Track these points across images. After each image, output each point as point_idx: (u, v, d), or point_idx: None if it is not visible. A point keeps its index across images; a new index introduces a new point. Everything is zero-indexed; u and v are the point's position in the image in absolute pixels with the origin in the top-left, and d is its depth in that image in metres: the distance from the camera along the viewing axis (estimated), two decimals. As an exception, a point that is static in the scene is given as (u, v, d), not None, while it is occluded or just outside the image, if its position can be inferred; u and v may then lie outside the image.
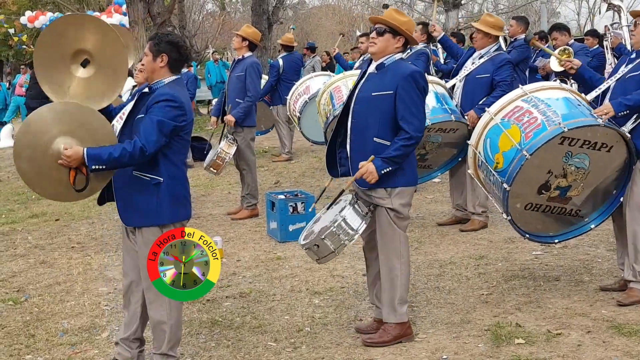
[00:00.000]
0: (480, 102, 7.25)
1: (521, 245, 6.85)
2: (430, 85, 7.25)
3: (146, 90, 4.36)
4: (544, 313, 5.17)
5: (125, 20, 18.95)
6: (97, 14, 20.98)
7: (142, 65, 4.49)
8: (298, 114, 11.12)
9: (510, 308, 5.32)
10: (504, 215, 5.36)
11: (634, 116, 5.16)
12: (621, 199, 5.34)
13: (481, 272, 6.21)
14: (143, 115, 4.20)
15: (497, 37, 7.60)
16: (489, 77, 7.35)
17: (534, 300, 5.44)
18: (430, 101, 7.17)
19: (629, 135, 5.13)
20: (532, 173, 5.18)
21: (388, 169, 4.63)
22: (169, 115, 4.15)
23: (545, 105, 5.22)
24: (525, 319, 5.07)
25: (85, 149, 4.07)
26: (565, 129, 5.01)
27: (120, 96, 6.12)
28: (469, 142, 5.68)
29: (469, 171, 5.82)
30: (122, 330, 4.58)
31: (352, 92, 4.95)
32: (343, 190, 4.93)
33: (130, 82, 7.47)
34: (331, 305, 5.62)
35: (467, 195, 7.66)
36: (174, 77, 4.35)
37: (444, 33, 8.50)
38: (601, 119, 5.08)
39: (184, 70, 12.54)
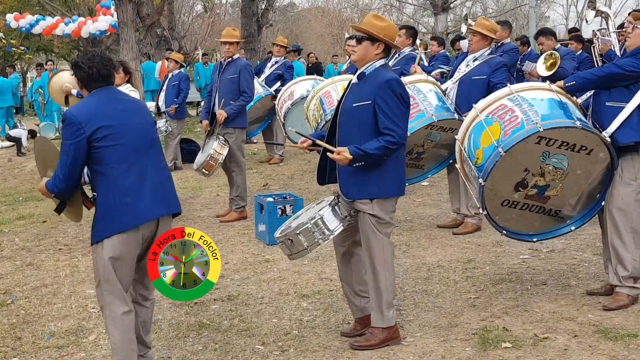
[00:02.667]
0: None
1: (509, 249, 6.88)
2: (431, 85, 7.38)
3: None
4: (531, 317, 5.19)
5: (114, 21, 18.93)
6: (81, 19, 20.93)
7: None
8: (282, 120, 11.17)
9: (498, 312, 5.34)
10: (480, 210, 5.47)
11: (619, 118, 5.19)
12: (602, 203, 5.39)
13: (469, 275, 6.23)
14: None
15: (491, 41, 7.64)
16: (486, 79, 7.37)
17: (521, 304, 5.46)
18: (433, 99, 7.26)
19: (609, 140, 5.17)
20: (507, 170, 5.27)
21: (361, 164, 4.63)
22: (64, 136, 4.20)
23: (528, 105, 5.30)
24: (513, 323, 5.09)
25: (45, 183, 4.35)
26: (541, 129, 5.09)
27: None
28: (456, 136, 5.76)
29: (456, 165, 5.87)
30: None
31: (339, 102, 4.96)
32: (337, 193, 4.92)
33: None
34: (319, 308, 5.63)
35: (461, 197, 7.66)
36: (88, 94, 4.37)
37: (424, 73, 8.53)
38: (580, 121, 5.12)
39: (176, 70, 12.55)
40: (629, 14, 8.57)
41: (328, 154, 4.74)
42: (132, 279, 4.36)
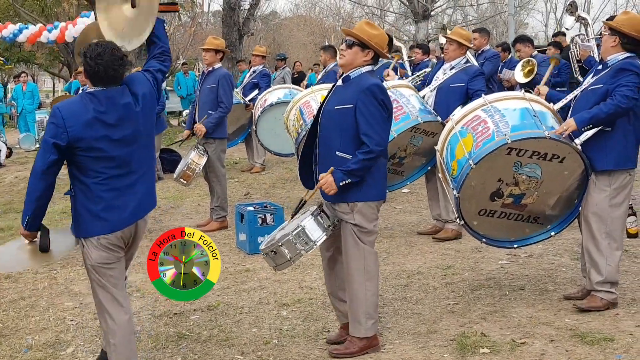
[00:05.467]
0: (455, 111, 7.30)
1: (488, 255, 6.91)
2: (411, 90, 7.46)
3: None
4: (509, 322, 5.22)
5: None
6: (63, 24, 20.80)
7: None
8: (254, 127, 11.22)
9: (476, 317, 5.37)
10: (458, 220, 5.55)
11: (591, 130, 5.23)
12: (580, 208, 5.44)
13: (448, 282, 6.25)
14: None
15: (467, 50, 7.72)
16: (464, 87, 7.44)
17: (499, 310, 5.49)
18: (416, 103, 7.33)
19: (579, 147, 5.22)
20: (480, 181, 5.34)
21: (347, 181, 4.63)
22: (48, 132, 4.13)
23: (500, 116, 5.36)
24: (491, 329, 5.12)
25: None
26: (509, 141, 5.16)
27: None
28: (436, 147, 5.83)
29: (438, 174, 5.93)
30: None
31: (321, 104, 4.97)
32: (304, 201, 4.92)
33: None
34: (299, 317, 5.63)
35: (441, 202, 7.69)
36: (91, 89, 4.24)
37: (397, 77, 8.58)
38: (549, 131, 5.17)
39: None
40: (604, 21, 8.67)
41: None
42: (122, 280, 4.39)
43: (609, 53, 5.36)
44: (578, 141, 5.24)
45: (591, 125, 5.20)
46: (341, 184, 4.63)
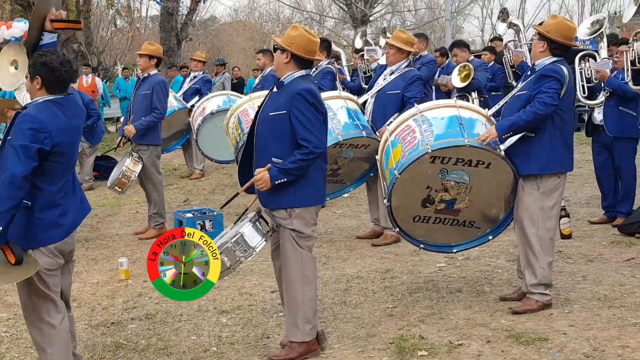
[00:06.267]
0: (392, 118, 7.35)
1: (426, 258, 6.99)
2: (342, 101, 7.40)
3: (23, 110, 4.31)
4: (447, 324, 5.29)
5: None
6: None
7: None
8: (195, 137, 11.12)
9: (414, 320, 5.42)
10: (393, 228, 5.65)
11: (515, 136, 5.33)
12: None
13: (387, 285, 6.31)
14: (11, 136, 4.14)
15: (409, 54, 7.75)
16: (400, 94, 7.47)
17: (437, 312, 5.56)
18: (342, 117, 7.25)
19: (502, 154, 5.32)
20: (408, 189, 5.45)
21: (282, 180, 4.63)
22: (29, 139, 4.04)
23: (427, 125, 5.46)
24: (429, 331, 5.17)
25: None
26: (429, 150, 5.28)
27: None
28: (377, 157, 5.91)
29: (383, 183, 5.99)
30: None
31: (257, 112, 4.96)
32: (247, 208, 4.93)
33: None
34: (239, 323, 5.60)
35: (381, 209, 7.74)
36: (46, 98, 4.22)
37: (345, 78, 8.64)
38: (470, 139, 5.27)
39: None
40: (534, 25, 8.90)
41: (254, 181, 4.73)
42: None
43: (538, 58, 5.47)
44: (503, 147, 5.33)
45: (511, 133, 5.30)
46: (276, 182, 4.62)
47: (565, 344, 4.77)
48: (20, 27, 5.74)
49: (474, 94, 9.59)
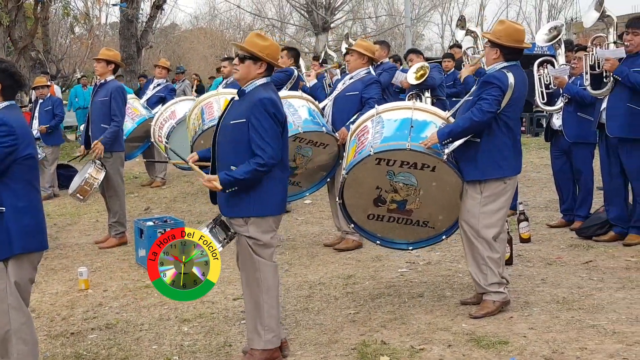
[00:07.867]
0: (352, 119, 7.39)
1: (388, 264, 7.02)
2: (304, 101, 7.49)
3: None
4: (408, 329, 5.32)
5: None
6: None
7: None
8: (165, 140, 10.92)
9: (376, 326, 5.44)
10: (349, 224, 5.86)
11: (457, 141, 5.37)
12: None
13: (349, 291, 6.32)
14: None
15: (370, 62, 7.79)
16: (358, 95, 7.52)
17: (399, 317, 5.58)
18: (304, 113, 7.35)
19: (443, 158, 5.35)
20: (358, 189, 5.58)
21: (234, 189, 4.62)
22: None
23: (381, 127, 5.60)
24: (391, 336, 5.19)
25: None
26: (372, 152, 5.38)
27: None
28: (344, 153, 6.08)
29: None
30: None
31: (219, 119, 4.93)
32: (220, 214, 4.89)
33: None
34: (200, 332, 5.57)
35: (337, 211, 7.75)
36: (6, 103, 4.31)
37: (316, 81, 8.66)
38: (413, 142, 5.34)
39: (48, 94, 12.18)
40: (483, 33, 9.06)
41: (200, 179, 4.73)
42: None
43: (490, 64, 5.53)
44: (447, 151, 5.38)
45: (451, 139, 5.34)
46: (227, 191, 4.61)
47: (525, 347, 4.82)
48: None
49: (427, 93, 9.78)
